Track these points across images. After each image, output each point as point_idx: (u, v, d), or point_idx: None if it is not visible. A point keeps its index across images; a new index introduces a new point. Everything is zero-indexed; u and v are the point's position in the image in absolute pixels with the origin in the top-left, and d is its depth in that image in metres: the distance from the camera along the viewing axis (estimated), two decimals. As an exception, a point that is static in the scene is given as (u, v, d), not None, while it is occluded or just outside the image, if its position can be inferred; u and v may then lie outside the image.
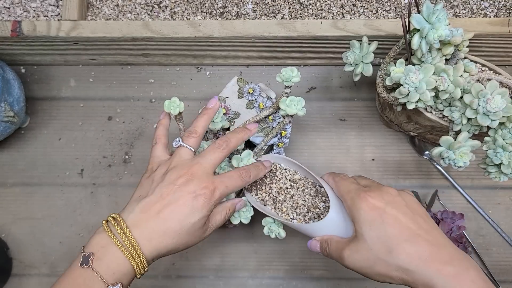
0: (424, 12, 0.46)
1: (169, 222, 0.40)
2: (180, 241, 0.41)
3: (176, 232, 0.41)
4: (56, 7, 0.67)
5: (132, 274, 0.40)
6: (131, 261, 0.39)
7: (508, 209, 0.64)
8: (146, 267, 0.40)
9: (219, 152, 0.45)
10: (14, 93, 0.59)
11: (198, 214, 0.41)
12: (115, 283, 0.38)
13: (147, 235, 0.40)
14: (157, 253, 0.41)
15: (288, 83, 0.49)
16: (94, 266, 0.38)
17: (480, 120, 0.47)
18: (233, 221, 0.50)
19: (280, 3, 0.67)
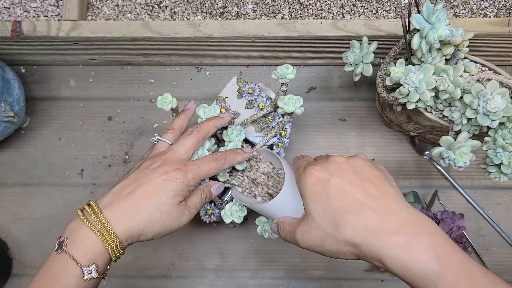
0: (424, 12, 0.46)
1: (140, 200, 0.41)
2: (154, 221, 0.41)
3: (148, 210, 0.41)
4: (56, 7, 0.67)
5: (106, 255, 0.39)
6: (103, 240, 0.39)
7: (508, 209, 0.64)
8: (119, 247, 0.40)
9: (191, 138, 0.46)
10: (14, 93, 0.59)
11: (169, 192, 0.41)
12: (89, 264, 0.38)
13: (118, 214, 0.40)
14: (129, 232, 0.40)
15: (284, 80, 0.49)
16: (67, 250, 0.38)
17: (480, 120, 0.47)
18: (225, 220, 0.50)
19: (280, 3, 0.67)
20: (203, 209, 0.54)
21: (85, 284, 0.38)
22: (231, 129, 0.52)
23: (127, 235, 0.40)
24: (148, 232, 0.41)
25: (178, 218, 0.43)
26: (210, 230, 0.64)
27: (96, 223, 0.39)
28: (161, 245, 0.63)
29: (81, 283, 0.38)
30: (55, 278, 0.38)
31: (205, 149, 0.48)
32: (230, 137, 0.51)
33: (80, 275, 0.38)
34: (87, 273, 0.38)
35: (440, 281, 0.32)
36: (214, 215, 0.54)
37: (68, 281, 0.38)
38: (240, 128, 0.52)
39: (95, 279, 0.39)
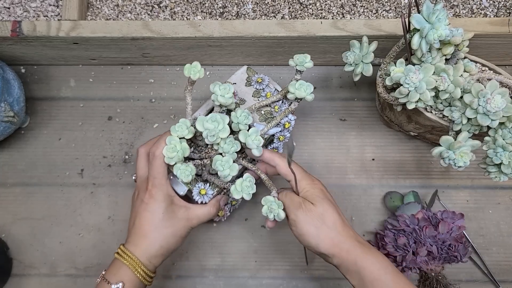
0: (424, 12, 0.46)
1: (144, 227, 0.49)
2: (166, 237, 0.49)
3: (154, 231, 0.48)
4: (56, 7, 0.67)
5: (131, 275, 0.47)
6: (125, 262, 0.47)
7: (508, 209, 0.64)
8: (142, 267, 0.47)
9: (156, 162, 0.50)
10: (14, 93, 0.59)
11: (157, 210, 0.49)
12: (117, 281, 0.46)
13: (135, 242, 0.49)
14: (148, 253, 0.48)
15: (301, 67, 0.50)
16: (104, 275, 0.48)
17: (480, 120, 0.47)
18: (235, 195, 0.48)
19: (280, 3, 0.67)
20: (196, 188, 0.52)
21: None
22: (240, 111, 0.50)
23: (148, 257, 0.48)
24: (166, 247, 0.49)
25: (185, 220, 0.50)
26: (210, 230, 0.64)
27: (121, 253, 0.48)
28: (161, 245, 0.63)
29: None
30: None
31: (226, 123, 0.47)
32: (239, 119, 0.49)
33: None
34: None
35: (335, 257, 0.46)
36: (207, 196, 0.52)
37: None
38: (248, 112, 0.50)
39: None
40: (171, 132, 0.48)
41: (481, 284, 0.62)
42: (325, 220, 0.46)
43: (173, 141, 0.48)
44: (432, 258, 0.58)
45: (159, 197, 0.49)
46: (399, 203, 0.62)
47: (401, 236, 0.58)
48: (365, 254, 0.45)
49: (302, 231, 0.47)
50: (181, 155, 0.48)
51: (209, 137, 0.46)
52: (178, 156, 0.48)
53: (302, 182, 0.49)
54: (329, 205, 0.48)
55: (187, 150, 0.49)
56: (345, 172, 0.65)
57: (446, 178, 0.65)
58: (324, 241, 0.46)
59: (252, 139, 0.49)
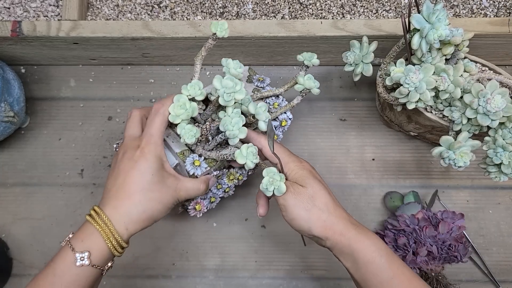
0: (424, 12, 0.46)
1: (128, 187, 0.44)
2: (150, 201, 0.44)
3: (139, 192, 0.44)
4: (56, 7, 0.67)
5: (102, 243, 0.42)
6: (97, 226, 0.42)
7: (508, 209, 0.64)
8: (116, 235, 0.42)
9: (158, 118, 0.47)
10: (14, 93, 0.59)
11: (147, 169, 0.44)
12: (83, 250, 0.41)
13: (113, 204, 0.43)
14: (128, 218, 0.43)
15: (308, 62, 0.51)
16: (69, 240, 0.42)
17: (480, 120, 0.47)
18: (239, 159, 0.46)
19: (280, 3, 0.67)
20: (190, 159, 0.50)
21: (77, 271, 0.40)
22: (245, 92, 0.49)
23: (127, 222, 0.43)
24: (150, 213, 0.44)
25: (173, 190, 0.46)
26: (210, 230, 0.64)
27: (94, 216, 0.42)
28: (161, 245, 0.63)
29: (73, 269, 0.40)
30: (52, 263, 0.41)
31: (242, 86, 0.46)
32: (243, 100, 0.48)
33: (73, 260, 0.40)
34: (79, 259, 0.40)
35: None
36: (200, 169, 0.50)
37: (61, 265, 0.41)
38: (250, 98, 0.49)
39: (89, 268, 0.41)
40: (182, 91, 0.46)
41: (481, 284, 0.62)
42: (316, 202, 0.45)
43: (182, 99, 0.46)
44: (432, 258, 0.58)
45: (151, 157, 0.45)
46: (399, 203, 0.62)
47: (401, 236, 0.58)
48: (359, 235, 0.44)
49: (293, 215, 0.45)
50: (190, 114, 0.46)
51: (225, 96, 0.44)
52: (187, 114, 0.46)
53: (289, 164, 0.47)
54: (319, 185, 0.46)
55: (196, 110, 0.46)
56: (345, 172, 0.65)
57: (446, 178, 0.65)
58: (316, 224, 0.44)
59: (262, 110, 0.48)
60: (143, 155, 0.45)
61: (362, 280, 0.44)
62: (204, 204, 0.55)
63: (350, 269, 0.45)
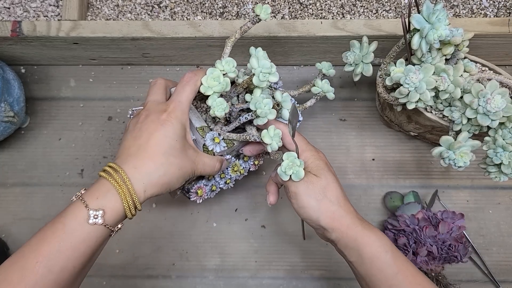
0: (424, 12, 0.46)
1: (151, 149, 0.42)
2: (171, 165, 0.42)
3: (162, 156, 0.42)
4: (56, 7, 0.67)
5: (118, 203, 0.40)
6: (115, 185, 0.39)
7: (508, 209, 0.64)
8: (134, 196, 0.40)
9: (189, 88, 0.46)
10: (14, 93, 0.59)
11: (171, 135, 0.43)
12: (97, 208, 0.38)
13: (135, 164, 0.41)
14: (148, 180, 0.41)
15: (326, 72, 0.55)
16: (82, 196, 0.40)
17: (480, 120, 0.47)
18: (265, 139, 0.46)
19: (280, 3, 0.67)
20: (210, 135, 0.49)
21: (88, 230, 0.38)
22: None
23: (146, 184, 0.41)
24: (169, 178, 0.42)
25: (192, 161, 0.45)
26: (210, 230, 0.64)
27: (112, 173, 0.40)
28: (161, 245, 0.63)
29: (85, 227, 0.38)
30: (61, 218, 0.39)
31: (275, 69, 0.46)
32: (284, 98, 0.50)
33: (85, 218, 0.38)
34: (93, 217, 0.38)
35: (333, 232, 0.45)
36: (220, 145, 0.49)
37: (72, 221, 0.38)
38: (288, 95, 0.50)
39: (101, 227, 0.39)
40: (217, 65, 0.46)
41: (481, 284, 0.62)
42: (327, 194, 0.45)
43: (216, 72, 0.46)
44: (432, 258, 0.58)
45: (177, 123, 0.43)
46: (399, 203, 0.62)
47: (401, 236, 0.58)
48: (366, 230, 0.44)
49: (302, 204, 0.45)
50: (223, 88, 0.46)
51: (260, 76, 0.45)
52: (221, 87, 0.45)
53: (306, 153, 0.47)
54: (333, 178, 0.46)
55: (228, 86, 0.46)
56: (345, 172, 0.65)
57: (446, 178, 0.65)
58: (325, 215, 0.44)
59: (288, 99, 0.49)
60: (169, 119, 0.43)
61: (367, 275, 0.44)
62: (206, 190, 0.54)
63: (354, 263, 0.44)
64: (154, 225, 0.64)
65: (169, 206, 0.65)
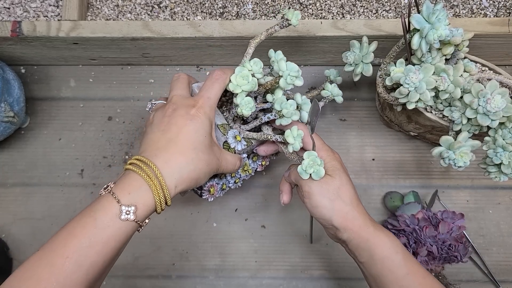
0: (424, 12, 0.46)
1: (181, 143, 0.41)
2: (200, 161, 0.42)
3: (192, 151, 0.42)
4: (56, 7, 0.67)
5: (150, 199, 0.39)
6: (148, 181, 0.38)
7: (508, 209, 0.64)
8: (166, 192, 0.39)
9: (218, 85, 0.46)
10: (14, 93, 0.59)
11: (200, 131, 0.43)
12: (130, 204, 0.38)
13: (165, 159, 0.40)
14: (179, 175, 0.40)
15: (334, 79, 0.58)
16: (112, 189, 0.39)
17: (480, 120, 0.47)
18: (289, 139, 0.47)
19: (280, 3, 0.67)
20: (232, 132, 0.50)
21: (120, 225, 0.37)
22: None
23: (177, 179, 0.40)
24: (198, 173, 0.42)
25: (217, 157, 0.45)
26: (210, 230, 0.64)
27: (144, 168, 0.39)
28: (161, 245, 0.63)
29: (117, 222, 0.37)
30: (91, 212, 0.37)
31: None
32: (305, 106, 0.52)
33: (117, 213, 0.37)
34: (125, 213, 0.37)
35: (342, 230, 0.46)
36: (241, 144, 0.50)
37: (104, 217, 0.37)
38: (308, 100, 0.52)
39: (132, 223, 0.38)
40: (245, 65, 0.46)
41: (481, 284, 0.62)
42: (341, 194, 0.46)
43: (244, 71, 0.46)
44: (432, 258, 0.58)
45: (206, 119, 0.43)
46: (399, 203, 0.62)
47: (401, 236, 0.58)
48: (377, 232, 0.45)
49: (316, 203, 0.46)
50: (251, 87, 0.46)
51: (288, 79, 0.46)
52: (250, 86, 0.46)
53: (321, 152, 0.48)
54: (347, 179, 0.47)
55: (256, 85, 0.47)
56: (345, 172, 0.65)
57: (446, 178, 0.65)
58: (338, 214, 0.45)
59: (307, 102, 0.51)
60: (198, 115, 0.43)
61: (377, 276, 0.44)
62: (217, 189, 0.55)
63: (365, 264, 0.45)
64: (154, 225, 0.64)
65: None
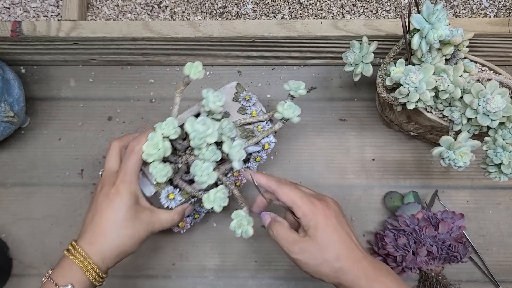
0: (424, 12, 0.46)
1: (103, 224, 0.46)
2: (123, 237, 0.46)
3: (113, 230, 0.46)
4: (56, 7, 0.67)
5: (82, 276, 0.44)
6: (76, 261, 0.44)
7: (508, 209, 0.64)
8: (95, 268, 0.44)
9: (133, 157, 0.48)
10: (14, 93, 0.59)
11: (120, 207, 0.46)
12: (66, 284, 0.43)
13: (90, 240, 0.46)
14: (102, 254, 0.45)
15: (295, 93, 0.52)
16: (50, 276, 0.44)
17: (480, 120, 0.47)
18: (206, 204, 0.48)
19: (280, 3, 0.67)
20: (165, 191, 0.51)
21: None
22: (226, 122, 0.50)
23: (101, 256, 0.45)
24: (122, 249, 0.46)
25: (147, 223, 0.48)
26: (210, 230, 0.64)
27: (72, 251, 0.45)
28: (161, 245, 0.63)
29: None
30: None
31: (216, 128, 0.47)
32: (224, 130, 0.49)
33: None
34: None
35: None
36: (174, 202, 0.52)
37: None
38: (233, 126, 0.51)
39: None
40: (157, 129, 0.47)
41: (481, 284, 0.62)
42: (327, 255, 0.44)
43: (156, 138, 0.48)
44: (432, 258, 0.58)
45: (125, 195, 0.47)
46: (399, 203, 0.62)
47: (401, 236, 0.58)
48: (371, 283, 0.43)
49: (303, 268, 0.45)
50: (162, 154, 0.48)
51: (196, 140, 0.46)
52: (159, 154, 0.47)
53: (302, 209, 0.45)
54: (332, 234, 0.44)
55: (168, 150, 0.48)
56: (345, 172, 0.65)
57: (446, 178, 0.65)
58: (327, 276, 0.44)
59: (236, 151, 0.49)
60: (118, 193, 0.46)
61: None
62: (188, 221, 0.58)
63: None
64: (154, 225, 0.64)
65: (169, 206, 0.65)
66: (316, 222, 0.45)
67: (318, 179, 0.65)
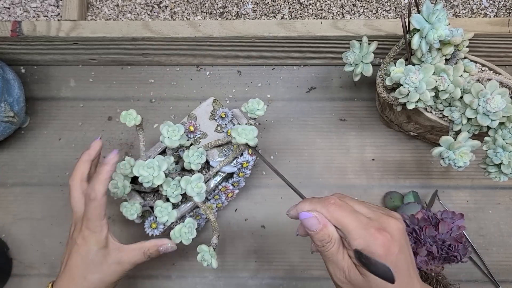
0: (424, 12, 0.46)
1: (72, 270, 0.47)
2: (93, 283, 0.46)
3: (81, 276, 0.46)
4: (56, 7, 0.67)
5: None
6: None
7: (508, 209, 0.64)
8: None
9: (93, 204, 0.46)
10: (14, 93, 0.59)
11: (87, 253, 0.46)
12: None
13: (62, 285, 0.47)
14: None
15: (252, 115, 0.49)
16: None
17: (480, 120, 0.47)
18: (174, 240, 0.49)
19: (280, 3, 0.67)
20: (148, 222, 0.54)
21: None
22: (192, 150, 0.51)
23: None
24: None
25: (116, 264, 0.47)
26: (210, 230, 0.64)
27: None
28: (161, 245, 0.63)
29: None
30: None
31: (161, 170, 0.47)
32: (191, 159, 0.51)
33: None
34: None
35: None
36: (158, 230, 0.54)
37: None
38: (202, 151, 0.51)
39: None
40: (116, 169, 0.50)
41: (481, 284, 0.62)
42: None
43: (116, 177, 0.50)
44: (432, 258, 0.58)
45: (91, 241, 0.46)
46: (399, 203, 0.62)
47: (401, 236, 0.58)
48: None
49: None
50: (121, 193, 0.50)
51: (144, 183, 0.48)
52: (119, 193, 0.50)
53: (358, 241, 0.37)
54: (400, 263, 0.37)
55: (127, 188, 0.51)
56: (345, 172, 0.65)
57: (446, 178, 0.65)
58: None
59: (192, 187, 0.49)
60: (84, 239, 0.46)
61: None
62: None
63: None
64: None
65: (169, 206, 0.65)
66: (375, 251, 0.37)
67: (318, 179, 0.65)
